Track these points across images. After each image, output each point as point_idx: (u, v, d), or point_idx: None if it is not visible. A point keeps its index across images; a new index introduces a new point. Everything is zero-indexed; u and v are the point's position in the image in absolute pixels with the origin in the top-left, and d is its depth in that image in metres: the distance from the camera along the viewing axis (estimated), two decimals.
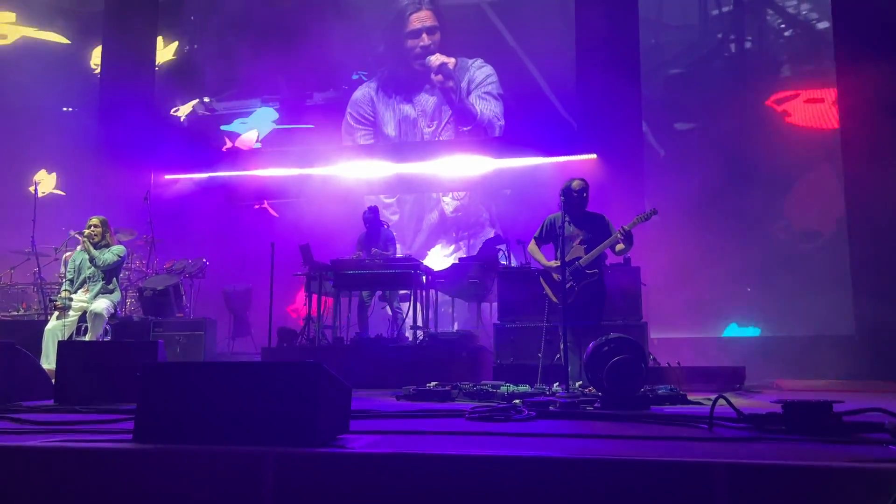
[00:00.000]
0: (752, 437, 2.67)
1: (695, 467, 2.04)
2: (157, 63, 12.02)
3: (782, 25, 10.37)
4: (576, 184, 5.60)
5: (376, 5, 11.83)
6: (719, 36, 10.65)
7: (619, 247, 5.52)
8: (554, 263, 5.55)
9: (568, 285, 5.34)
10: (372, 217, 8.45)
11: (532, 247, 5.83)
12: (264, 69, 11.07)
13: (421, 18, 11.60)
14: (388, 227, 8.83)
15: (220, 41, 11.70)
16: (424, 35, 11.46)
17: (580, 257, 5.52)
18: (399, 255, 8.37)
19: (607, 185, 8.75)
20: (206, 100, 12.07)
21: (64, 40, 12.18)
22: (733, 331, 9.09)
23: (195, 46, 12.33)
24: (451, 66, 11.20)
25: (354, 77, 11.76)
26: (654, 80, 10.39)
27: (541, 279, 5.81)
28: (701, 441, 2.66)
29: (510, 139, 10.56)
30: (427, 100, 11.41)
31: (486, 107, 11.03)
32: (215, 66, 11.90)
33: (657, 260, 7.73)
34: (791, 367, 7.42)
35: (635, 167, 9.56)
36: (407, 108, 11.51)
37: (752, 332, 9.04)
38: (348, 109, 11.74)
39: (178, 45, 12.29)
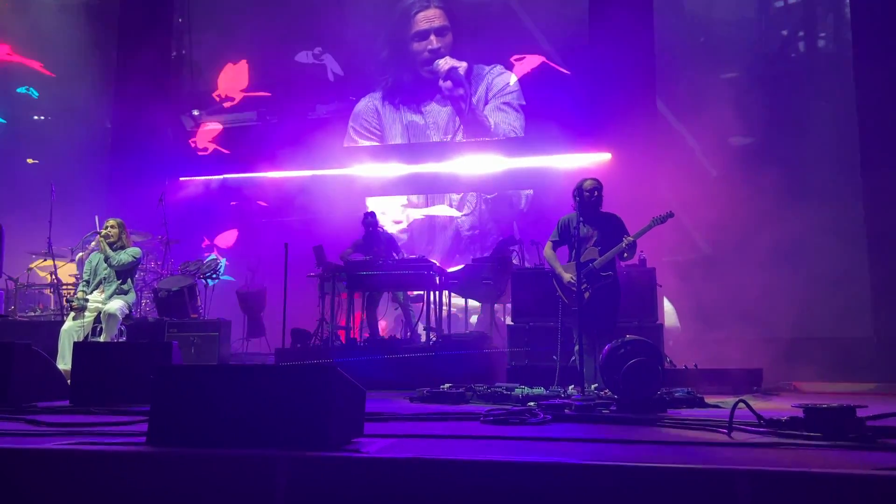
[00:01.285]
0: (774, 443, 2.62)
1: (716, 474, 2.00)
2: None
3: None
4: (587, 183, 5.50)
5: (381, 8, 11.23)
6: (784, 33, 9.22)
7: (625, 255, 5.41)
8: (567, 277, 5.48)
9: (582, 287, 5.27)
10: (371, 221, 8.48)
11: (548, 251, 5.73)
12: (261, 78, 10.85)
13: (428, 18, 10.90)
14: (384, 228, 8.87)
15: (212, 51, 11.61)
16: (433, 37, 10.81)
17: (594, 259, 5.43)
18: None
19: (621, 184, 8.68)
20: (196, 112, 11.87)
21: None
22: None
23: (183, 52, 12.16)
24: (461, 70, 10.63)
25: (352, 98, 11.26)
26: (704, 85, 8.89)
27: (553, 280, 5.73)
28: (721, 446, 2.62)
29: (523, 139, 10.47)
30: (438, 111, 10.84)
31: (504, 119, 10.40)
32: (205, 76, 11.76)
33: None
34: (807, 369, 7.32)
35: (650, 167, 9.47)
36: (416, 119, 10.93)
37: None
38: (350, 123, 11.22)
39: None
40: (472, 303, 8.63)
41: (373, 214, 8.61)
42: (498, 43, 10.69)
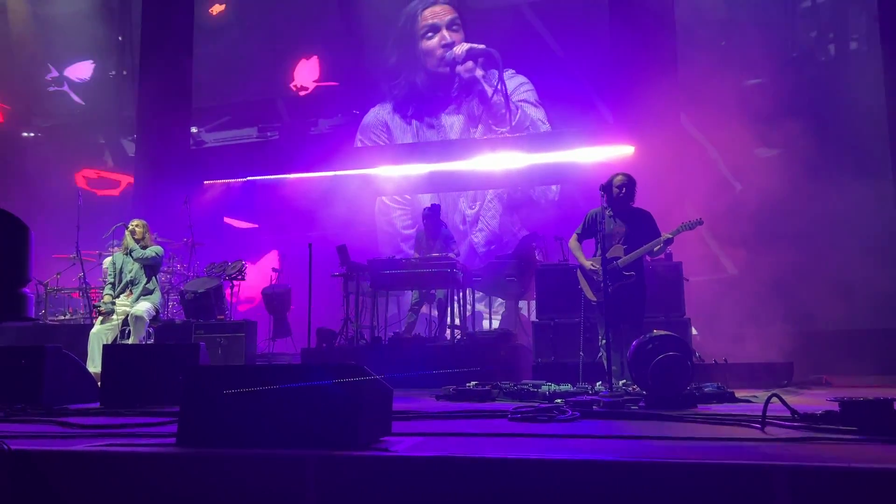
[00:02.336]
0: (810, 438, 2.56)
1: (753, 470, 1.95)
2: None
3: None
4: (618, 179, 5.45)
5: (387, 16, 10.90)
6: (813, 35, 8.54)
7: (657, 248, 5.35)
8: (588, 264, 5.46)
9: (604, 284, 5.25)
10: (431, 215, 8.31)
11: (573, 243, 5.69)
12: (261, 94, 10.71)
13: (436, 13, 10.52)
14: (448, 226, 8.68)
15: (210, 65, 11.60)
16: (444, 31, 10.37)
17: (619, 257, 5.38)
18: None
19: (646, 177, 8.58)
20: (194, 130, 11.82)
21: None
22: None
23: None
24: (481, 48, 10.12)
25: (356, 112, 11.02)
26: (726, 91, 8.25)
27: (578, 274, 5.69)
28: (755, 442, 2.57)
29: (545, 134, 10.39)
30: (452, 123, 10.47)
31: (528, 110, 10.12)
32: (203, 92, 11.76)
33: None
34: (837, 361, 7.18)
35: (674, 158, 9.36)
36: (429, 134, 10.59)
37: None
38: (358, 136, 10.94)
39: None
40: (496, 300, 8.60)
41: (433, 208, 8.43)
42: (509, 47, 10.52)
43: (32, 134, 12.01)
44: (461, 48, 10.43)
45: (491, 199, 10.53)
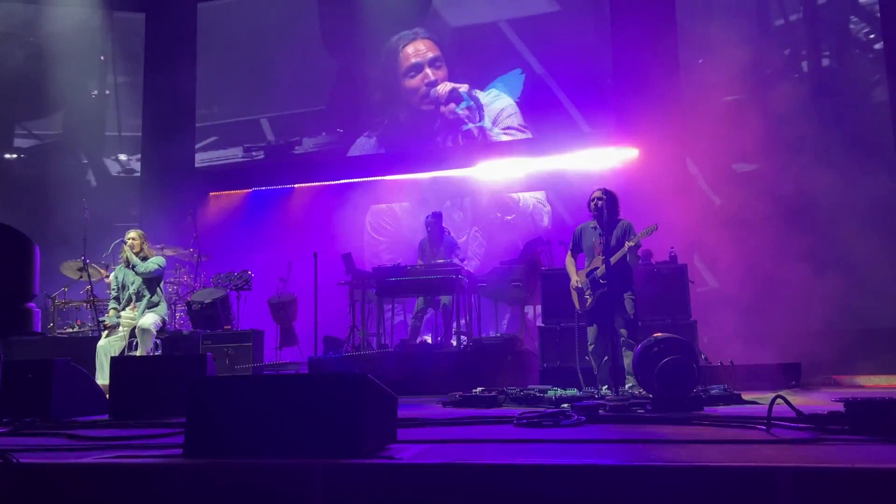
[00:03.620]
0: (815, 439, 2.56)
1: (756, 472, 1.96)
2: None
3: (871, 36, 8.05)
4: (595, 194, 5.68)
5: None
6: (786, 52, 8.72)
7: (629, 257, 5.45)
8: (574, 280, 5.76)
9: (586, 294, 5.60)
10: (434, 222, 8.31)
11: (567, 260, 5.95)
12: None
13: (419, 51, 10.69)
14: (451, 233, 8.69)
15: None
16: (428, 69, 10.57)
17: (597, 268, 5.57)
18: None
19: (650, 179, 8.59)
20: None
21: None
22: None
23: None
24: (462, 91, 10.39)
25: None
26: (702, 110, 8.55)
27: (571, 287, 5.89)
28: (761, 444, 2.56)
29: (546, 138, 10.38)
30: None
31: (515, 136, 10.18)
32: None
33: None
34: (847, 362, 7.15)
35: (677, 159, 9.36)
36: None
37: None
38: (367, 219, 10.95)
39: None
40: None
41: (436, 215, 8.43)
42: (491, 63, 10.54)
43: (15, 156, 11.98)
44: (444, 88, 10.60)
45: (474, 234, 10.59)
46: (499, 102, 10.45)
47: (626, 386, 5.14)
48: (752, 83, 8.83)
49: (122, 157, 11.93)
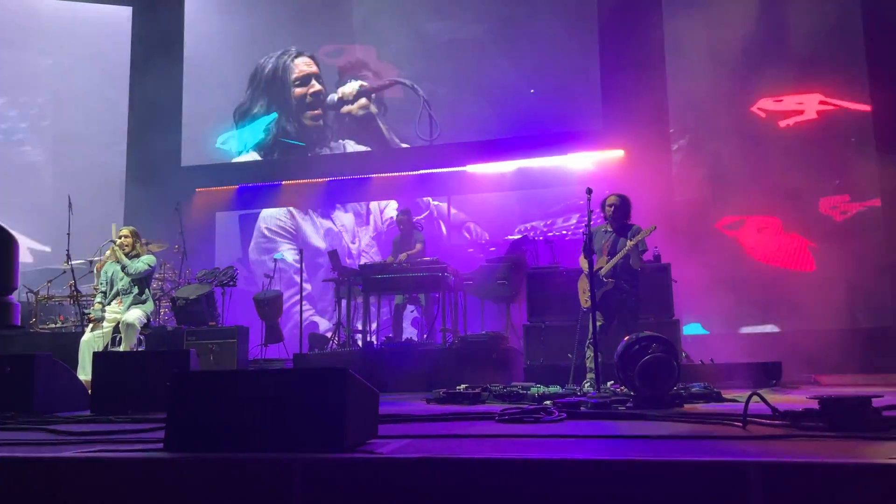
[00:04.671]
0: (789, 435, 2.60)
1: (729, 466, 1.99)
2: None
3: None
4: (609, 199, 5.88)
5: None
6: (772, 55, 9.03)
7: (632, 257, 5.66)
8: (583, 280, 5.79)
9: (588, 294, 5.57)
10: (405, 220, 8.42)
11: (581, 260, 5.92)
12: None
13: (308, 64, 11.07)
14: (422, 228, 8.76)
15: None
16: (314, 81, 10.95)
17: (602, 267, 5.71)
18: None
19: (635, 180, 8.64)
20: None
21: None
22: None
23: None
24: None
25: None
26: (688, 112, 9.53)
27: (579, 284, 5.97)
28: (735, 439, 2.60)
29: (533, 138, 10.41)
30: (343, 217, 10.86)
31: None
32: None
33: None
34: (829, 361, 7.24)
35: (662, 161, 9.44)
36: (326, 223, 10.93)
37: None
38: (261, 224, 11.24)
39: None
40: None
41: (404, 212, 8.56)
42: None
43: None
44: (351, 87, 10.93)
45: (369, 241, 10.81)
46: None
47: (609, 383, 5.19)
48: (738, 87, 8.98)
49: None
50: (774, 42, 8.93)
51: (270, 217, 11.29)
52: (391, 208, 10.61)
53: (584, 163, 9.95)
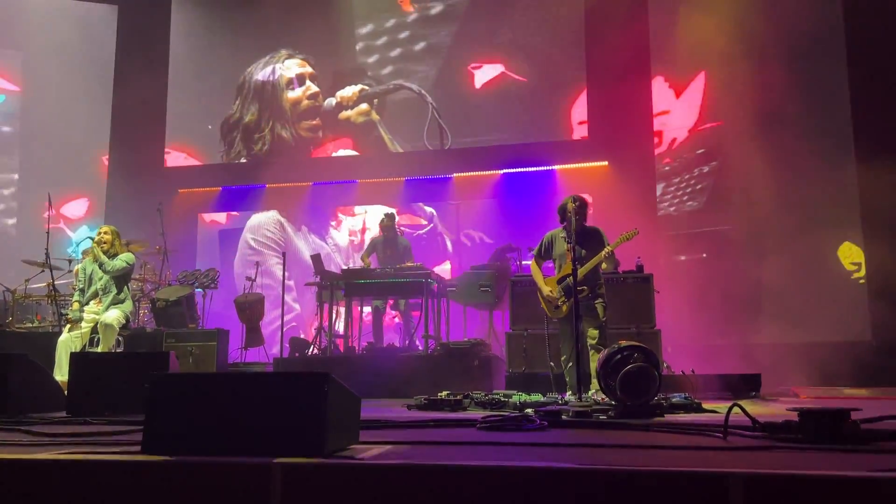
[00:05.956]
0: (768, 446, 2.62)
1: (709, 477, 1.99)
2: None
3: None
4: (570, 204, 5.55)
5: None
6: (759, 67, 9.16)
7: (604, 266, 5.55)
8: (546, 290, 5.68)
9: (560, 302, 5.55)
10: (390, 225, 8.45)
11: (532, 265, 5.93)
12: None
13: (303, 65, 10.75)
14: (404, 234, 8.79)
15: None
16: (309, 82, 10.61)
17: (568, 275, 5.45)
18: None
19: (619, 192, 8.71)
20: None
21: None
22: None
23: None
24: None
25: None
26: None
27: (538, 294, 5.85)
28: (715, 450, 2.61)
29: (520, 149, 10.43)
30: (337, 236, 10.57)
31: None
32: None
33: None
34: (808, 374, 7.31)
35: (646, 173, 9.51)
36: (318, 241, 10.62)
37: None
38: (247, 235, 10.86)
39: None
40: None
41: (390, 217, 8.57)
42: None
43: None
44: (351, 91, 10.43)
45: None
46: None
47: (590, 392, 5.19)
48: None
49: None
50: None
51: (258, 227, 10.98)
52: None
53: (567, 173, 10.00)
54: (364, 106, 10.53)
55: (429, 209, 10.48)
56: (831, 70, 8.87)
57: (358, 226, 10.71)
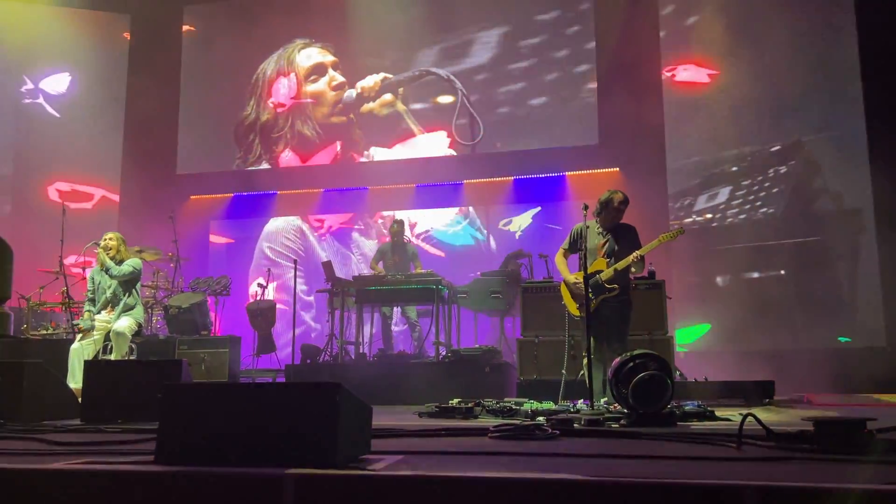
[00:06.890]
0: (784, 457, 2.59)
1: (724, 490, 1.97)
2: None
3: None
4: (617, 197, 5.38)
5: None
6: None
7: (632, 269, 5.32)
8: (573, 278, 5.40)
9: (590, 295, 5.18)
10: (399, 231, 8.51)
11: (558, 258, 5.63)
12: None
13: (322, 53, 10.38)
14: (411, 241, 8.84)
15: None
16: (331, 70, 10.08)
17: (601, 271, 5.33)
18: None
19: (630, 198, 8.66)
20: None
21: None
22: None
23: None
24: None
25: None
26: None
27: (562, 289, 5.63)
28: (730, 461, 2.59)
29: (532, 153, 10.43)
30: (364, 243, 10.30)
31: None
32: None
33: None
34: (821, 380, 7.24)
35: (658, 180, 9.48)
36: (343, 249, 10.31)
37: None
38: (263, 244, 10.54)
39: None
40: None
41: (399, 223, 8.61)
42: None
43: None
44: (373, 80, 9.86)
45: None
46: None
47: (602, 400, 5.15)
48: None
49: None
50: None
51: (276, 235, 10.69)
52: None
53: (578, 179, 9.99)
54: (388, 96, 9.97)
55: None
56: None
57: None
